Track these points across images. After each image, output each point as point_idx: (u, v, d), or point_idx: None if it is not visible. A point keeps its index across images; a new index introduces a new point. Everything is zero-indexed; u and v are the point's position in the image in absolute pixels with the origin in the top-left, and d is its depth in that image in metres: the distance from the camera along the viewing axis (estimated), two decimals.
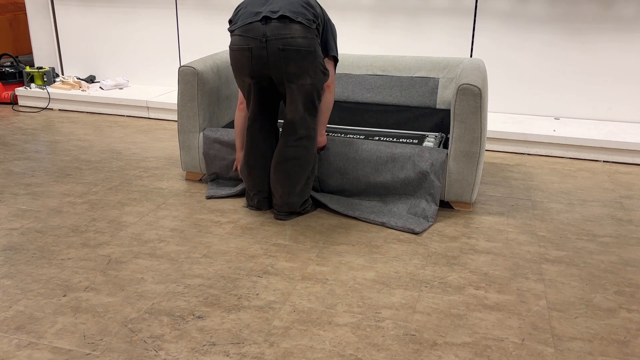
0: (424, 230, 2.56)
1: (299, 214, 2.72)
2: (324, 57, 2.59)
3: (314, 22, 2.44)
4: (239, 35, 2.45)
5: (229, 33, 4.68)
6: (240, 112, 2.75)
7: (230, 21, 2.55)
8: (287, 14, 2.38)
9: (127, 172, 3.31)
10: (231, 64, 2.55)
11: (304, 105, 2.51)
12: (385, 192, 2.74)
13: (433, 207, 2.66)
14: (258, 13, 2.42)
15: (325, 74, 2.53)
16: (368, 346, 1.78)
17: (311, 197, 2.77)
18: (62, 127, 4.28)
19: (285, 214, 2.68)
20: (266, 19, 2.40)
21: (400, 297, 2.05)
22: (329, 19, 2.61)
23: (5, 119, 4.46)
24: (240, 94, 2.74)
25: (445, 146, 2.99)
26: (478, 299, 2.04)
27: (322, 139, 2.73)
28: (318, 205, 2.81)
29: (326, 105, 2.65)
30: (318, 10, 2.50)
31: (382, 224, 2.59)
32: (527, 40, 4.05)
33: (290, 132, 2.55)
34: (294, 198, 2.63)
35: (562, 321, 1.92)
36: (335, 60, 2.66)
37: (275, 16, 2.39)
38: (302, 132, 2.55)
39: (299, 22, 2.39)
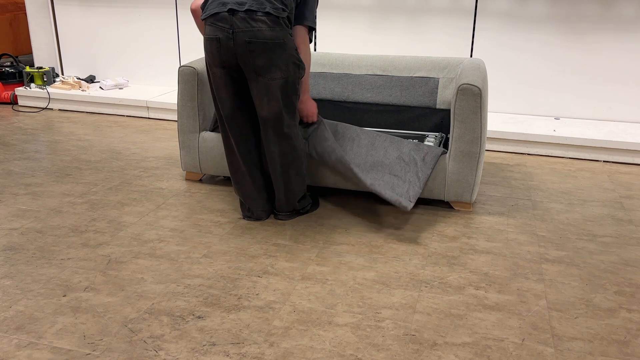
0: (405, 206, 2.50)
1: (299, 213, 2.71)
2: (299, 25, 2.48)
3: (283, 10, 2.34)
4: (210, 24, 2.37)
5: None
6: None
7: (202, 6, 2.45)
8: (253, 7, 2.30)
9: (127, 172, 3.31)
10: (205, 55, 2.46)
11: (278, 101, 2.41)
12: (372, 166, 2.71)
13: (416, 189, 2.59)
14: (225, 4, 2.33)
15: (300, 67, 2.43)
16: (368, 346, 1.78)
17: (311, 192, 2.77)
18: (62, 127, 4.28)
19: (285, 215, 2.67)
20: (233, 11, 2.31)
21: (400, 297, 2.05)
22: None
23: (5, 119, 4.46)
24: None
25: (446, 146, 2.99)
26: (478, 299, 2.04)
27: (303, 106, 2.61)
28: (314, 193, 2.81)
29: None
30: None
31: (370, 185, 2.55)
32: (527, 40, 4.05)
33: (267, 130, 2.48)
34: (291, 198, 2.63)
35: (562, 321, 1.92)
36: (310, 29, 2.51)
37: (242, 9, 2.30)
38: (281, 130, 2.47)
39: (267, 13, 2.31)
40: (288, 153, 2.53)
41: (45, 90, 4.80)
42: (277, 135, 2.48)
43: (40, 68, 4.93)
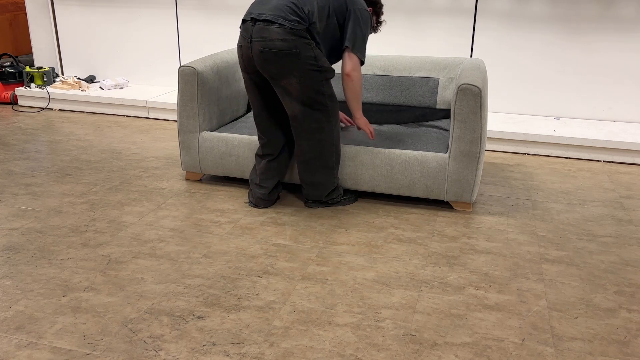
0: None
1: (327, 204, 2.81)
2: (345, 49, 2.59)
3: (298, 22, 2.45)
4: (240, 33, 2.58)
5: (228, 33, 4.69)
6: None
7: None
8: (269, 17, 2.45)
9: (127, 172, 3.31)
10: None
11: (302, 102, 2.55)
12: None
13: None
14: (250, 13, 2.52)
15: (321, 71, 2.53)
16: (368, 346, 1.78)
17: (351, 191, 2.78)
18: (62, 127, 4.28)
19: (314, 203, 2.80)
20: (254, 20, 2.49)
21: (400, 297, 2.05)
22: (357, 15, 2.58)
23: (5, 119, 4.46)
24: None
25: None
26: (478, 299, 2.04)
27: (358, 121, 2.75)
28: (352, 192, 2.81)
29: (351, 94, 2.65)
30: (308, 9, 2.48)
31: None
32: (527, 40, 4.05)
33: (296, 126, 2.63)
34: (317, 189, 2.75)
35: (562, 321, 1.92)
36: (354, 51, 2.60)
37: (260, 18, 2.47)
38: (310, 125, 2.61)
39: (280, 25, 2.45)
40: (314, 148, 2.66)
41: (45, 90, 4.80)
42: (303, 131, 2.63)
43: (40, 68, 4.93)
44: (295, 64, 2.47)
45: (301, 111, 2.57)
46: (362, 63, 2.63)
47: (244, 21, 2.55)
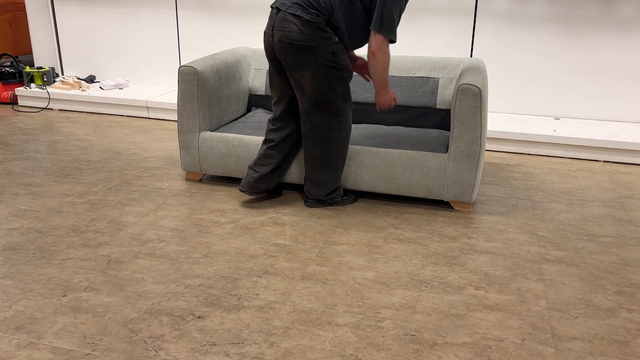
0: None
1: (326, 203, 2.81)
2: (373, 30, 2.47)
3: (317, 15, 2.47)
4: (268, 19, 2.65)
5: (228, 33, 4.69)
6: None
7: None
8: (289, 10, 2.50)
9: (127, 172, 3.31)
10: None
11: (314, 98, 2.57)
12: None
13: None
14: (276, 2, 2.57)
15: (337, 69, 2.53)
16: (368, 346, 1.78)
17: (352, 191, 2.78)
18: (62, 127, 4.28)
19: (313, 202, 2.80)
20: (278, 9, 2.54)
21: (400, 297, 2.05)
22: None
23: (5, 119, 4.46)
24: None
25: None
26: (478, 299, 2.04)
27: (378, 96, 2.64)
28: (353, 192, 2.82)
29: (374, 73, 2.55)
30: (325, 0, 2.46)
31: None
32: (527, 40, 4.05)
33: (305, 121, 2.66)
34: (318, 187, 2.75)
35: (562, 321, 1.92)
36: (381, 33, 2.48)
37: (283, 8, 2.52)
38: (319, 123, 2.62)
39: (298, 17, 2.48)
40: (321, 146, 2.67)
41: (45, 90, 4.80)
42: (312, 128, 2.65)
43: (40, 68, 4.93)
44: (311, 57, 2.49)
45: (312, 107, 2.59)
46: (392, 41, 2.49)
47: (271, 8, 2.60)
